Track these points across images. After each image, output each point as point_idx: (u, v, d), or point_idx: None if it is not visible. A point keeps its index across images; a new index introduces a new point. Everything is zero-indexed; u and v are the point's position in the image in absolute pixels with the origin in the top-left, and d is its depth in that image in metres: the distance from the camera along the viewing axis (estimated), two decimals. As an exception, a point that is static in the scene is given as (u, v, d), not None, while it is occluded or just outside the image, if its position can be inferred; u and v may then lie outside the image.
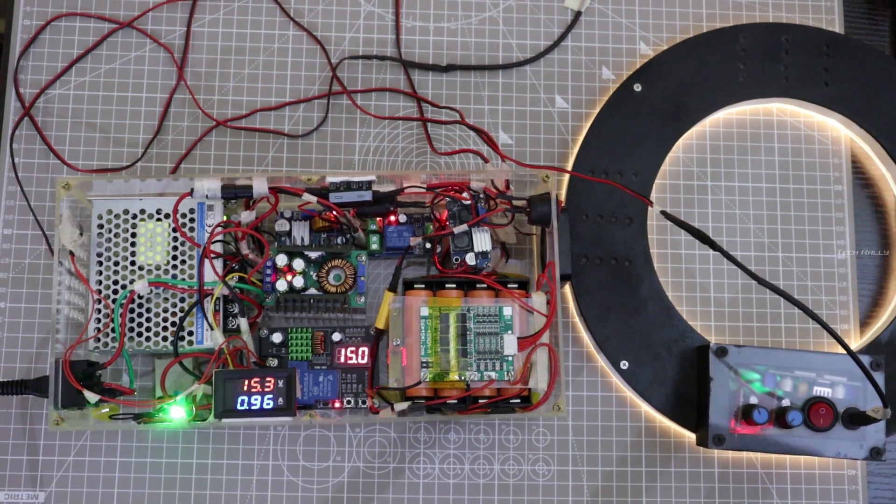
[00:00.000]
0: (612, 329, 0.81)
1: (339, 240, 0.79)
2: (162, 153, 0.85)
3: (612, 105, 0.85)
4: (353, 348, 0.78)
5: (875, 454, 0.77)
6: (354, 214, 0.78)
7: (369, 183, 0.76)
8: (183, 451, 0.80)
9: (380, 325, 0.78)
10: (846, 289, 0.86)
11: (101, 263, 0.77)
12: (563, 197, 0.84)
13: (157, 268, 0.77)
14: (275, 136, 0.85)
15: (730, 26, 0.88)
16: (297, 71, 0.87)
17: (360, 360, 0.78)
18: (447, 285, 0.78)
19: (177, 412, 0.73)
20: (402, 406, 0.74)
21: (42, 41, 0.86)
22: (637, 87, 0.85)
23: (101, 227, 0.77)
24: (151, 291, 0.76)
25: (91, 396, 0.72)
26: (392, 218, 0.79)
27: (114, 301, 0.76)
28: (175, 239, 0.77)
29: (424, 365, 0.75)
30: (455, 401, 0.75)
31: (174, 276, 0.76)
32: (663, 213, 0.76)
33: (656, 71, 0.86)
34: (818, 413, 0.77)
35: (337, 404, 0.78)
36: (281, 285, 0.77)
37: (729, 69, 0.86)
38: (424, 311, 0.76)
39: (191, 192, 0.75)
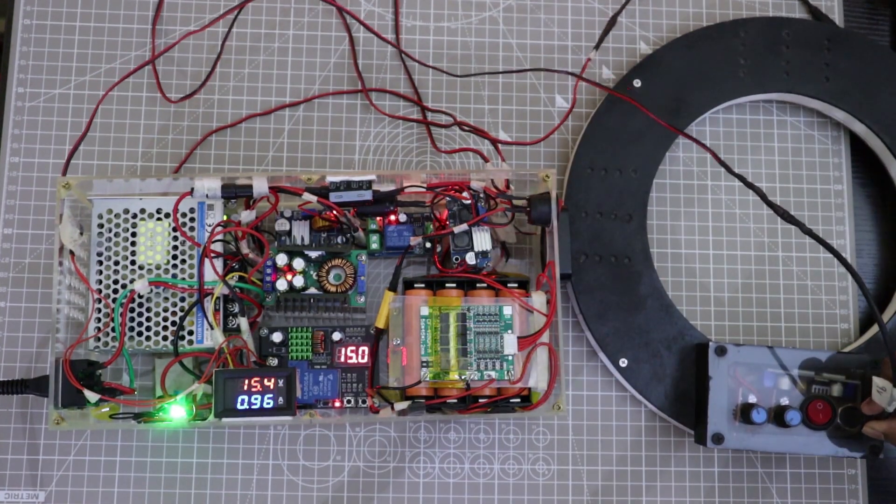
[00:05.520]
0: (611, 326, 0.81)
1: (339, 239, 0.79)
2: (162, 153, 0.85)
3: (611, 101, 0.85)
4: (354, 348, 0.78)
5: (874, 452, 0.77)
6: (354, 214, 0.78)
7: (369, 182, 0.76)
8: (183, 450, 0.80)
9: (380, 324, 0.78)
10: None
11: (101, 263, 0.77)
12: (562, 194, 0.84)
13: (158, 267, 0.77)
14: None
15: (730, 21, 0.88)
16: (298, 71, 0.87)
17: (361, 360, 0.78)
18: (447, 285, 0.78)
19: (177, 411, 0.73)
20: (402, 405, 0.74)
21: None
22: (637, 83, 0.85)
23: (101, 226, 0.77)
24: (151, 291, 0.76)
25: (91, 396, 0.72)
26: (392, 217, 0.79)
27: (114, 300, 0.76)
28: (175, 238, 0.77)
29: (424, 364, 0.75)
30: (455, 400, 0.75)
31: (174, 276, 0.76)
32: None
33: (656, 67, 0.86)
34: (816, 411, 0.77)
35: (337, 404, 0.78)
36: (281, 285, 0.77)
37: (729, 64, 0.86)
38: (424, 311, 0.76)
39: (191, 192, 0.76)
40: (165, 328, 0.76)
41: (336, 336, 0.78)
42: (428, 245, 0.80)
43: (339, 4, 0.88)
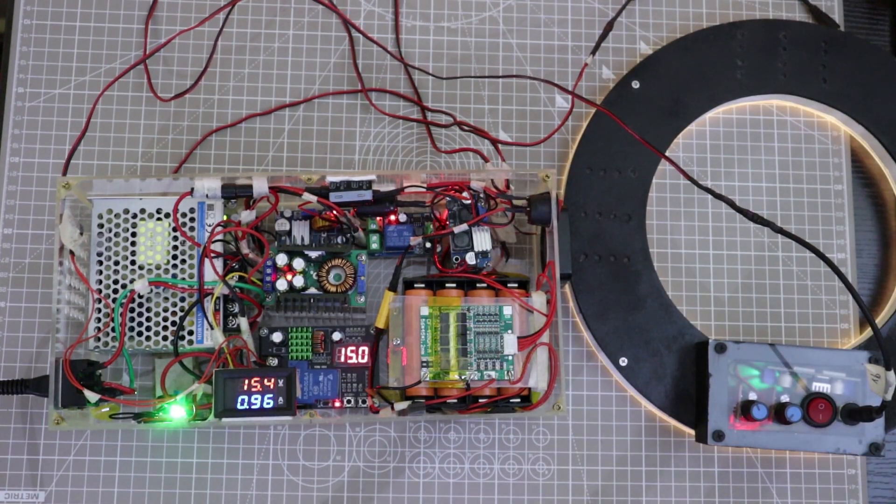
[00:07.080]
0: (611, 326, 0.81)
1: (339, 239, 0.79)
2: (162, 153, 0.85)
3: (610, 102, 0.85)
4: (354, 348, 0.78)
5: (874, 450, 0.77)
6: (354, 214, 0.78)
7: (369, 182, 0.76)
8: (183, 450, 0.80)
9: (380, 324, 0.78)
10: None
11: (101, 263, 0.77)
12: (561, 194, 0.84)
13: (158, 267, 0.77)
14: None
15: (728, 23, 0.88)
16: (297, 71, 0.87)
17: (361, 360, 0.78)
18: (447, 285, 0.78)
19: (177, 412, 0.73)
20: (402, 405, 0.74)
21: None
22: (635, 85, 0.85)
23: (101, 226, 0.77)
24: (151, 291, 0.76)
25: (91, 396, 0.72)
26: (392, 217, 0.79)
27: (114, 300, 0.76)
28: (175, 238, 0.77)
29: (424, 364, 0.75)
30: (455, 400, 0.75)
31: (174, 276, 0.76)
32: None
33: (654, 68, 0.86)
34: (817, 409, 0.77)
35: (337, 403, 0.78)
36: (281, 285, 0.77)
37: (727, 66, 0.86)
38: (424, 311, 0.76)
39: (191, 192, 0.76)
40: (165, 328, 0.76)
41: (336, 336, 0.78)
42: (428, 245, 0.80)
43: (339, 11, 0.88)
